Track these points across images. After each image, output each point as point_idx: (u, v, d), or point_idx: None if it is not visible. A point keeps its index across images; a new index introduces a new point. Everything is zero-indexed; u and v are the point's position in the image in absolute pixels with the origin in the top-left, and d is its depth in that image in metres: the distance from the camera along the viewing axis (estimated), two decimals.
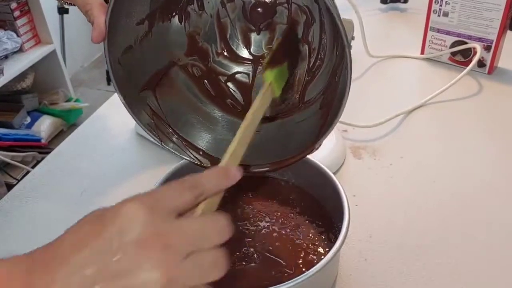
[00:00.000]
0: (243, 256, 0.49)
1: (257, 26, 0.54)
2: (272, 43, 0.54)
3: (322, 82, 0.52)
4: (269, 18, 0.53)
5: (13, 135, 1.82)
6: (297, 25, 0.50)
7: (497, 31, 0.83)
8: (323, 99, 0.50)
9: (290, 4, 0.52)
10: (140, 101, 0.49)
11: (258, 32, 0.54)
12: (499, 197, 0.61)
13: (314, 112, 0.51)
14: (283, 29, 0.49)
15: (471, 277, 0.51)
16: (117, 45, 0.46)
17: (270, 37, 0.54)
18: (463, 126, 0.75)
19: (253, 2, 0.53)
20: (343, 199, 0.48)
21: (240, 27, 0.54)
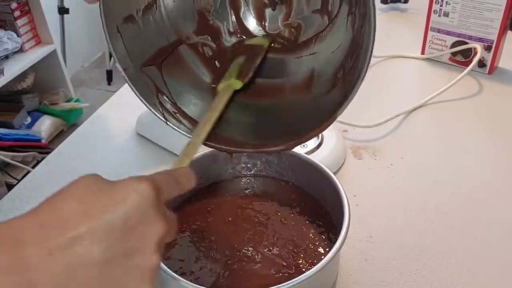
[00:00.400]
0: (243, 256, 0.49)
1: (272, 0, 0.50)
2: (289, 19, 0.51)
3: (341, 55, 0.48)
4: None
5: (13, 135, 1.83)
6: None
7: (497, 31, 0.83)
8: (345, 70, 0.46)
9: None
10: (142, 76, 0.46)
11: (274, 7, 0.51)
12: (499, 197, 0.61)
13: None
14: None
15: (471, 277, 0.51)
16: (115, 11, 0.43)
17: (286, 12, 0.50)
18: (464, 126, 0.75)
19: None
20: (343, 199, 0.48)
21: (254, 2, 0.51)
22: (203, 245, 0.51)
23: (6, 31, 1.80)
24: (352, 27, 0.46)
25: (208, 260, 0.49)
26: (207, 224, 0.53)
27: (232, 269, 0.48)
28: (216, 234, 0.52)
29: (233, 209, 0.55)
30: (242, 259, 0.49)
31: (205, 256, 0.49)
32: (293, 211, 0.54)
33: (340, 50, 0.47)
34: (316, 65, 0.49)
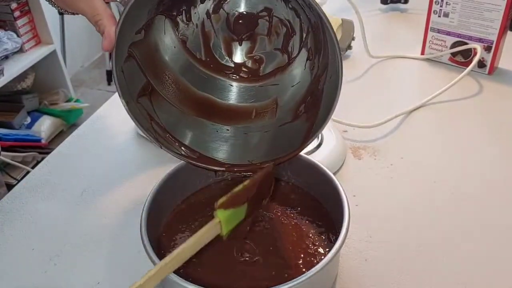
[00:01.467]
0: (243, 257, 0.49)
1: (239, 37, 0.57)
2: (253, 52, 0.58)
3: (301, 90, 0.55)
4: (251, 30, 0.56)
5: (13, 136, 1.83)
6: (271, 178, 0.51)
7: (497, 31, 0.83)
8: (306, 105, 0.53)
9: (272, 17, 0.55)
10: (138, 106, 0.52)
11: (240, 43, 0.57)
12: (500, 197, 0.61)
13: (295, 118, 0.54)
14: (257, 176, 0.49)
15: (471, 277, 0.51)
16: (120, 54, 0.49)
17: (251, 46, 0.57)
18: (464, 126, 0.75)
19: (236, 14, 0.55)
20: (343, 199, 0.48)
21: (223, 37, 0.57)
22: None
23: (6, 31, 1.80)
24: (310, 71, 0.53)
25: (208, 261, 0.49)
26: None
27: (232, 270, 0.48)
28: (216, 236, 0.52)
29: None
30: (242, 260, 0.49)
31: (205, 256, 0.49)
32: (293, 211, 0.54)
33: (300, 86, 0.55)
34: (280, 95, 0.56)
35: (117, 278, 0.53)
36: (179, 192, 0.56)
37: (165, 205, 0.54)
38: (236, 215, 0.46)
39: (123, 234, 0.58)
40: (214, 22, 0.56)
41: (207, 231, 0.44)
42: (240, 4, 0.55)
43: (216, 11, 0.55)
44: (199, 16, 0.55)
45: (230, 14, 0.56)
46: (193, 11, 0.55)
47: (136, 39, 0.51)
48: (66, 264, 0.55)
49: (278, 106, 0.56)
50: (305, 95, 0.54)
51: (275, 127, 0.56)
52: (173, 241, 0.51)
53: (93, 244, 0.57)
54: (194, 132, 0.56)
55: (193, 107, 0.57)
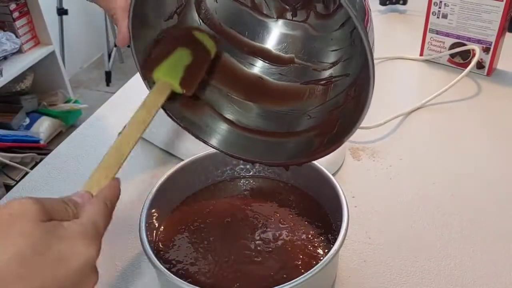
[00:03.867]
0: (242, 257, 0.49)
1: (292, 7, 0.52)
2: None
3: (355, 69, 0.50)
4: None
5: (12, 136, 1.82)
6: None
7: (496, 33, 0.84)
8: (357, 87, 0.49)
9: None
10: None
11: (295, 13, 0.52)
12: (499, 198, 0.61)
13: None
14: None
15: (470, 278, 0.51)
16: (142, 45, 0.46)
17: (306, 15, 0.52)
18: (462, 127, 0.75)
19: None
20: (342, 200, 0.48)
21: (275, 8, 0.52)
22: (201, 246, 0.51)
23: (5, 32, 1.80)
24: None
25: (207, 261, 0.49)
26: (206, 225, 0.53)
27: (231, 270, 0.48)
28: (214, 235, 0.52)
29: (232, 210, 0.55)
30: (241, 260, 0.49)
31: (204, 257, 0.49)
32: (292, 212, 0.54)
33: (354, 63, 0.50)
34: (334, 70, 0.52)
35: (116, 279, 0.53)
36: (178, 193, 0.56)
37: (164, 206, 0.54)
38: (177, 62, 0.45)
39: (122, 235, 0.58)
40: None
41: (153, 97, 0.42)
42: None
43: None
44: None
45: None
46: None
47: (168, 25, 0.48)
48: None
49: (332, 84, 0.51)
50: (359, 75, 0.48)
51: (324, 112, 0.50)
52: (172, 242, 0.51)
53: None
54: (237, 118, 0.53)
55: (240, 88, 0.53)
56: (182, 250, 0.50)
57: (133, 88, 0.88)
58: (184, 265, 0.48)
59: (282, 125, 0.52)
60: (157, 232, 0.52)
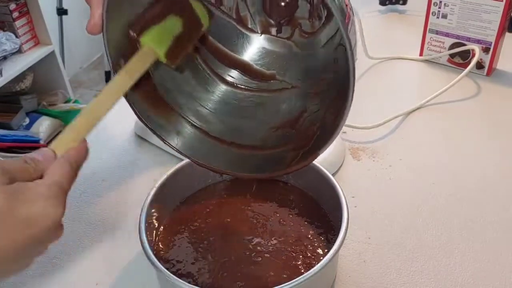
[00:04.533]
0: (241, 258, 0.49)
1: (277, 22, 0.52)
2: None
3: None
4: (290, 14, 0.50)
5: (11, 136, 1.82)
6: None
7: (495, 33, 0.84)
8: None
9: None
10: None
11: (279, 29, 0.52)
12: (499, 198, 0.61)
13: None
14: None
15: (470, 278, 0.51)
16: (116, 37, 0.45)
17: (291, 32, 0.52)
18: (462, 127, 0.75)
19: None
20: (342, 201, 0.48)
21: (260, 22, 0.52)
22: (201, 246, 0.51)
23: (5, 32, 1.80)
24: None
25: (207, 261, 0.49)
26: (206, 225, 0.53)
27: (231, 270, 0.48)
28: (214, 235, 0.52)
29: (231, 210, 0.55)
30: (240, 261, 0.49)
31: (204, 257, 0.49)
32: (292, 212, 0.54)
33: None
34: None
35: (116, 279, 0.53)
36: (178, 193, 0.56)
37: (164, 206, 0.54)
38: (167, 30, 0.44)
39: (122, 235, 0.58)
40: (250, 5, 0.51)
41: (136, 61, 0.41)
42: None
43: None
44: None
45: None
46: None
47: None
48: (64, 265, 0.55)
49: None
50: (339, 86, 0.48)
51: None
52: (172, 242, 0.51)
53: (91, 245, 0.57)
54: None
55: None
56: (182, 250, 0.50)
57: None
58: (184, 265, 0.48)
59: (255, 139, 0.51)
60: (157, 232, 0.52)
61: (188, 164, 0.55)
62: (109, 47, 0.44)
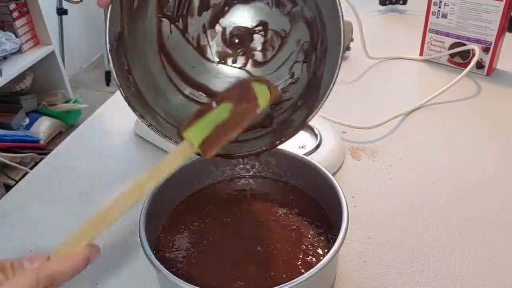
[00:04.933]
0: (241, 257, 0.49)
1: (234, 52, 0.56)
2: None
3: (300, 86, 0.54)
4: (246, 45, 0.55)
5: (11, 136, 1.82)
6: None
7: (495, 33, 0.84)
8: (305, 98, 0.51)
9: (267, 31, 0.55)
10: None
11: (235, 59, 0.56)
12: (498, 198, 0.61)
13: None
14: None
15: (470, 278, 0.51)
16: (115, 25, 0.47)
17: (245, 62, 0.56)
18: (462, 127, 0.75)
19: (232, 29, 0.55)
20: (342, 200, 0.48)
21: (218, 53, 0.56)
22: (201, 246, 0.51)
23: (5, 32, 1.80)
24: (307, 70, 0.53)
25: (207, 261, 0.49)
26: (206, 225, 0.53)
27: (231, 270, 0.48)
28: (214, 235, 0.52)
29: (231, 210, 0.55)
30: (240, 260, 0.49)
31: (204, 257, 0.49)
32: (292, 212, 0.54)
33: (299, 84, 0.54)
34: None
35: (115, 280, 0.53)
36: (178, 193, 0.56)
37: (163, 206, 0.54)
38: (212, 118, 0.41)
39: (122, 235, 0.58)
40: (210, 37, 0.56)
41: (176, 155, 0.39)
42: (236, 19, 0.55)
43: (212, 26, 0.55)
44: (195, 28, 0.55)
45: (226, 29, 0.55)
46: (189, 21, 0.54)
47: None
48: None
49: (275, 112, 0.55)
50: (304, 90, 0.51)
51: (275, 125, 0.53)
52: (172, 242, 0.51)
53: None
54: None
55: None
56: (182, 250, 0.50)
57: None
58: (184, 265, 0.48)
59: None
60: (156, 233, 0.52)
61: (188, 164, 0.55)
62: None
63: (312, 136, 0.68)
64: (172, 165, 0.39)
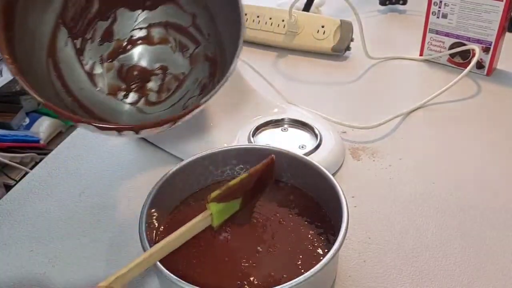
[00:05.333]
0: (241, 258, 0.49)
1: (127, 87, 0.56)
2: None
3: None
4: (142, 84, 0.56)
5: (11, 136, 1.82)
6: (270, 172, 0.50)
7: (495, 32, 0.84)
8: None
9: (166, 75, 0.55)
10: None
11: (127, 94, 0.57)
12: (498, 199, 0.61)
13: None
14: (256, 169, 0.49)
15: (470, 278, 0.51)
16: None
17: (137, 100, 0.57)
18: (462, 127, 0.75)
19: (131, 66, 0.56)
20: (342, 201, 0.48)
21: (110, 85, 0.56)
22: (201, 246, 0.51)
23: None
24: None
25: (207, 261, 0.49)
26: None
27: (231, 270, 0.48)
28: (214, 235, 0.52)
29: None
30: (240, 260, 0.49)
31: (204, 257, 0.49)
32: (292, 212, 0.54)
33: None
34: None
35: None
36: (178, 193, 0.56)
37: (164, 206, 0.54)
38: (229, 208, 0.47)
39: (122, 235, 0.58)
40: (105, 69, 0.55)
41: (197, 222, 0.44)
42: (136, 58, 0.55)
43: (110, 59, 0.55)
44: (92, 55, 0.54)
45: (124, 65, 0.55)
46: (88, 45, 0.54)
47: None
48: (64, 265, 0.55)
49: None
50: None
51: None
52: None
53: (91, 245, 0.57)
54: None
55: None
56: (182, 250, 0.50)
57: None
58: (184, 265, 0.48)
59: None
60: (157, 232, 0.52)
61: (188, 164, 0.55)
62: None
63: (312, 136, 0.68)
64: (194, 229, 0.45)
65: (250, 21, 1.02)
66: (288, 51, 1.00)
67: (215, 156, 0.57)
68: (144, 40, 0.57)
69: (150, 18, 0.57)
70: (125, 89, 0.56)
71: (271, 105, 0.74)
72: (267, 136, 0.69)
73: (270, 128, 0.70)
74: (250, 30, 1.02)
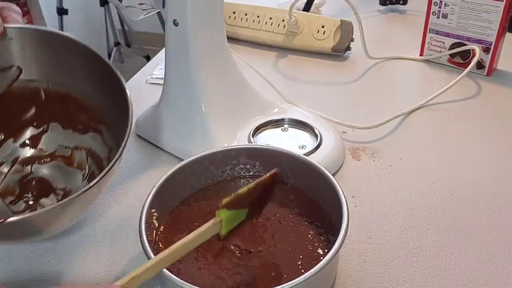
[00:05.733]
0: (241, 258, 0.49)
1: (20, 195, 0.58)
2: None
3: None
4: (39, 196, 0.58)
5: None
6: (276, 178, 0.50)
7: (496, 33, 0.84)
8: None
9: (65, 197, 0.57)
10: None
11: (17, 200, 0.58)
12: (499, 199, 0.61)
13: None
14: (262, 179, 0.49)
15: (470, 278, 0.51)
16: None
17: (25, 209, 0.57)
18: (462, 127, 0.75)
19: (37, 177, 0.58)
20: (342, 201, 0.48)
21: (5, 186, 0.58)
22: (201, 246, 0.51)
23: None
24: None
25: (207, 261, 0.49)
26: None
27: (231, 270, 0.48)
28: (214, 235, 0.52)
29: None
30: (240, 260, 0.49)
31: (204, 257, 0.49)
32: (292, 212, 0.54)
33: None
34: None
35: (116, 279, 0.53)
36: (179, 192, 0.56)
37: (164, 206, 0.54)
38: (237, 217, 0.47)
39: (122, 235, 0.58)
40: (12, 171, 0.58)
41: (207, 229, 0.44)
42: (48, 173, 0.59)
43: (25, 164, 0.58)
44: (6, 154, 0.57)
45: (31, 173, 0.58)
46: (7, 142, 0.56)
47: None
48: (65, 265, 0.55)
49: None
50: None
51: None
52: (172, 242, 0.51)
53: (92, 245, 0.57)
54: None
55: None
56: None
57: (133, 88, 0.88)
58: (184, 265, 0.48)
59: None
60: (157, 232, 0.52)
61: (188, 164, 0.55)
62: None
63: (312, 136, 0.68)
64: (203, 236, 0.45)
65: (250, 21, 1.02)
66: (288, 51, 1.00)
67: (215, 156, 0.57)
68: (64, 159, 0.61)
69: (77, 140, 0.61)
70: (18, 195, 0.58)
71: (271, 105, 0.74)
72: (267, 136, 0.69)
73: (270, 128, 0.70)
74: (250, 30, 1.02)
